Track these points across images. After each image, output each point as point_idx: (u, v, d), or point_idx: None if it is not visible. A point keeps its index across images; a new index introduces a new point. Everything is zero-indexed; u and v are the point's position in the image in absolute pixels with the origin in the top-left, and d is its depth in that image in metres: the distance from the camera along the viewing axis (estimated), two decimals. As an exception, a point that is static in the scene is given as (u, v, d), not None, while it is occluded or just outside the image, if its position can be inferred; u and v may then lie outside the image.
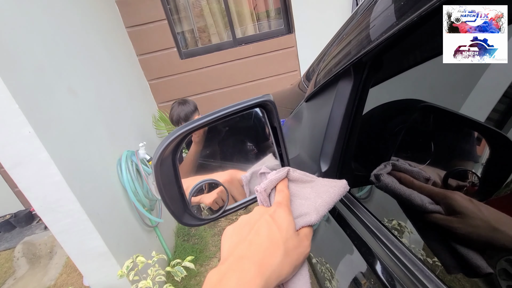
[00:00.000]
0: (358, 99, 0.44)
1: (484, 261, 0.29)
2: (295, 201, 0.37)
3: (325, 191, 0.37)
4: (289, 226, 0.32)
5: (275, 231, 0.31)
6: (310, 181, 0.39)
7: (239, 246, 0.30)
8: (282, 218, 0.32)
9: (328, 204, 0.35)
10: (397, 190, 0.35)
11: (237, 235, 0.33)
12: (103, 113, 1.68)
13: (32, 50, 1.21)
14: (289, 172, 0.39)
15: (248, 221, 0.34)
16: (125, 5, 2.41)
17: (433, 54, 0.37)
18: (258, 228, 0.32)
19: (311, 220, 0.34)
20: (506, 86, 0.30)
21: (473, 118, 0.35)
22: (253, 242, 0.30)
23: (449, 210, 0.31)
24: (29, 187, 1.18)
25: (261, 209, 0.35)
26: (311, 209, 0.35)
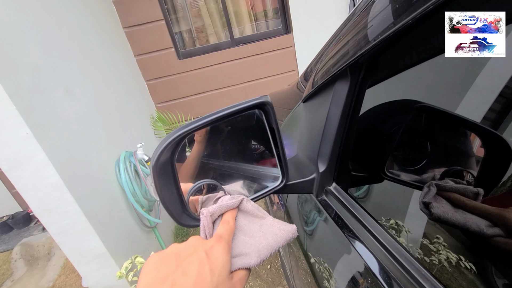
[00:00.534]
0: (355, 100, 0.44)
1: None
2: (239, 236, 0.35)
3: (272, 233, 0.34)
4: (223, 268, 0.28)
5: (206, 273, 0.26)
6: (261, 217, 0.37)
7: (161, 282, 0.25)
8: (217, 258, 0.28)
9: (272, 248, 0.33)
10: (450, 220, 0.32)
11: (159, 270, 0.27)
12: (101, 113, 1.68)
13: (29, 51, 1.20)
14: (242, 202, 0.37)
15: (179, 253, 0.29)
16: (122, 5, 2.40)
17: (428, 56, 0.38)
18: (187, 266, 0.27)
19: (250, 263, 0.31)
20: (501, 87, 0.30)
21: (469, 118, 0.35)
22: (176, 284, 0.25)
23: (509, 231, 0.29)
24: (27, 188, 1.18)
25: (197, 242, 0.31)
26: (253, 250, 0.32)
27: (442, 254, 0.35)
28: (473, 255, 0.33)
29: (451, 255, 0.34)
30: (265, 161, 0.50)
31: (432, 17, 0.27)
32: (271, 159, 0.46)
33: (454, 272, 0.33)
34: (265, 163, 0.51)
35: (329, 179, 0.52)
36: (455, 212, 0.33)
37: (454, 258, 0.33)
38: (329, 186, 0.53)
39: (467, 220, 0.31)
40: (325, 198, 0.54)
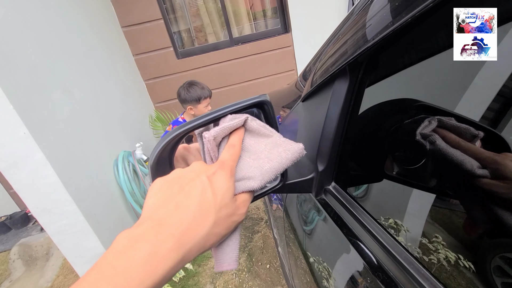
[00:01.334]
0: (354, 99, 0.44)
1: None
2: (244, 159, 0.33)
3: (277, 154, 0.33)
4: (226, 192, 0.28)
5: (209, 197, 0.27)
6: (267, 135, 0.35)
7: (163, 208, 0.26)
8: (220, 182, 0.28)
9: (276, 170, 0.32)
10: (449, 155, 0.33)
11: (164, 192, 0.28)
12: (99, 113, 1.67)
13: (26, 50, 1.20)
14: (247, 120, 0.35)
15: (181, 177, 0.29)
16: (120, 4, 2.39)
17: (428, 54, 0.37)
18: (190, 190, 0.27)
19: (253, 186, 0.31)
20: (500, 86, 0.30)
21: (468, 117, 0.35)
22: (180, 206, 0.26)
23: (496, 175, 0.30)
24: (25, 188, 1.17)
25: (199, 167, 0.30)
26: (257, 174, 0.31)
27: (441, 253, 0.35)
28: (472, 254, 0.33)
29: (450, 254, 0.34)
30: None
31: (431, 15, 0.27)
32: None
33: (453, 271, 0.33)
34: None
35: (328, 179, 0.52)
36: (455, 151, 0.34)
37: (453, 257, 0.33)
38: (328, 186, 0.53)
39: (464, 159, 0.32)
40: (324, 197, 0.54)
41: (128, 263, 0.21)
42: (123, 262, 0.21)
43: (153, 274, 0.22)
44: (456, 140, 0.34)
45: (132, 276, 0.21)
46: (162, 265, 0.22)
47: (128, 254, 0.22)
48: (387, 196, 0.51)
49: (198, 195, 0.27)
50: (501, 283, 0.29)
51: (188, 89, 1.76)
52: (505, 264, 0.29)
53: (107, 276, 0.21)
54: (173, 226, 0.24)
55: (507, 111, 0.31)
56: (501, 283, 0.29)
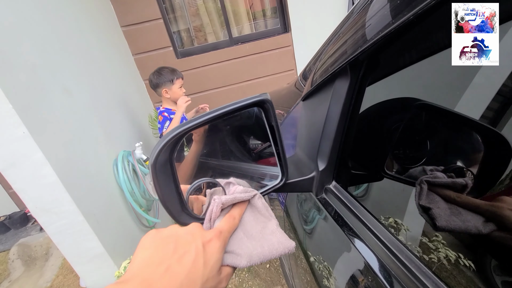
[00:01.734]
0: (355, 98, 0.44)
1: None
2: (239, 233, 0.35)
3: (270, 243, 0.34)
4: (215, 264, 0.29)
5: (199, 267, 0.27)
6: (267, 217, 0.37)
7: (153, 268, 0.26)
8: (213, 253, 0.29)
9: (264, 257, 0.33)
10: (453, 228, 0.33)
11: (157, 250, 0.28)
12: (99, 113, 1.67)
13: (25, 50, 1.19)
14: (255, 197, 0.37)
15: (177, 238, 0.29)
16: (120, 3, 2.38)
17: (429, 53, 0.37)
18: (183, 254, 0.27)
19: (239, 264, 0.32)
20: (500, 84, 0.30)
21: (468, 116, 0.35)
22: (170, 271, 0.26)
23: (502, 227, 0.30)
24: (24, 188, 1.17)
25: (197, 231, 0.31)
26: (246, 254, 0.33)
27: (441, 252, 0.35)
28: (472, 253, 0.34)
29: (450, 253, 0.34)
30: (265, 160, 0.50)
31: (432, 13, 0.27)
32: (271, 158, 0.46)
33: (453, 270, 0.33)
34: (264, 162, 0.51)
35: (329, 178, 0.52)
36: (454, 215, 0.34)
37: (453, 256, 0.33)
38: (329, 185, 0.53)
39: (466, 224, 0.32)
40: (324, 196, 0.54)
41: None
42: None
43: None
44: (451, 196, 0.35)
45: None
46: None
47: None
48: (387, 195, 0.51)
49: (190, 262, 0.27)
50: (501, 281, 0.30)
51: (160, 73, 1.79)
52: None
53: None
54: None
55: (507, 110, 0.31)
56: (501, 282, 0.30)
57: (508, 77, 0.29)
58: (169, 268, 0.26)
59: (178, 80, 1.82)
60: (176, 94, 1.82)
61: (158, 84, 1.79)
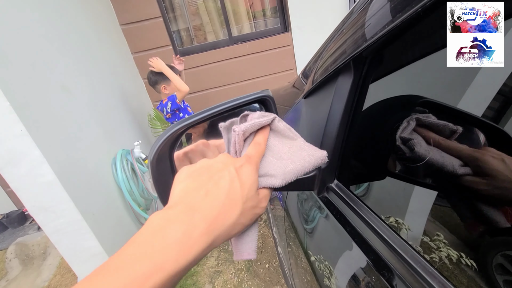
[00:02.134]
0: (358, 95, 0.43)
1: (503, 217, 0.29)
2: (268, 157, 0.34)
3: (301, 157, 0.34)
4: (252, 186, 0.29)
5: (237, 188, 0.28)
6: (292, 138, 0.36)
7: (193, 193, 0.27)
8: (247, 176, 0.29)
9: (298, 172, 0.33)
10: (430, 159, 0.33)
11: (193, 179, 0.28)
12: (98, 111, 1.66)
13: (24, 47, 1.18)
14: (274, 120, 0.36)
15: (210, 167, 0.30)
16: (119, 2, 2.38)
17: (434, 49, 0.37)
18: (218, 179, 0.28)
19: (275, 184, 0.32)
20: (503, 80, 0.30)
21: (473, 114, 0.35)
22: (210, 194, 0.27)
23: (478, 172, 0.30)
24: (21, 186, 1.16)
25: (227, 158, 0.31)
26: (279, 172, 0.33)
27: (443, 252, 0.34)
28: (474, 252, 0.33)
29: (451, 252, 0.33)
30: None
31: (440, 7, 0.26)
32: None
33: (455, 269, 0.33)
34: None
35: (331, 176, 0.51)
36: (433, 150, 0.33)
37: (455, 255, 0.33)
38: (330, 183, 0.52)
39: (444, 160, 0.32)
40: (326, 195, 0.53)
41: (164, 242, 0.22)
42: (160, 240, 0.22)
43: (186, 255, 0.23)
44: (435, 139, 0.34)
45: (169, 254, 0.22)
46: (195, 247, 0.23)
47: (164, 233, 0.23)
48: (389, 195, 0.50)
49: (227, 185, 0.28)
50: (503, 281, 0.29)
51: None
52: (507, 262, 0.28)
53: (145, 252, 0.22)
54: (204, 211, 0.25)
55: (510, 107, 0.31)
56: (503, 281, 0.29)
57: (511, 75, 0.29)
58: (209, 192, 0.27)
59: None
60: (173, 91, 1.85)
61: (157, 81, 1.82)
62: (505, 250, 0.29)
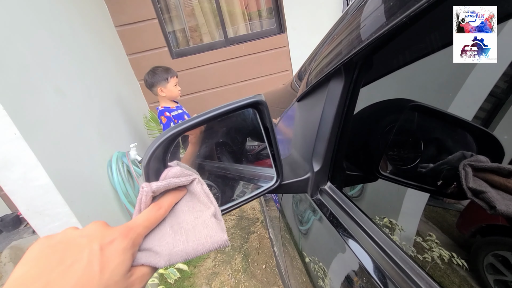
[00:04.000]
0: (349, 99, 0.44)
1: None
2: (165, 226, 0.30)
3: (197, 237, 0.29)
4: (117, 268, 0.24)
5: (93, 275, 0.23)
6: (205, 205, 0.32)
7: (31, 282, 0.22)
8: (113, 255, 0.25)
9: (186, 255, 0.29)
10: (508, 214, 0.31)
11: (38, 262, 0.23)
12: (92, 113, 1.65)
13: (17, 50, 1.18)
14: (193, 182, 0.33)
15: (69, 243, 0.25)
16: (114, 3, 2.36)
17: (422, 54, 0.38)
18: (72, 264, 0.23)
19: (156, 264, 0.28)
20: (492, 85, 0.31)
21: (461, 117, 0.35)
22: (51, 284, 0.21)
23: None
24: (15, 190, 1.15)
25: (96, 231, 0.26)
26: (165, 252, 0.28)
27: (435, 252, 0.35)
28: (465, 252, 0.34)
29: (443, 252, 0.34)
30: (260, 162, 0.50)
31: (425, 15, 0.27)
32: (266, 159, 0.46)
33: (447, 269, 0.33)
34: (259, 163, 0.51)
35: (324, 179, 0.52)
36: (507, 200, 0.30)
37: (447, 255, 0.34)
38: (323, 186, 0.53)
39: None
40: (319, 197, 0.54)
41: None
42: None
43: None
44: (501, 182, 0.31)
45: None
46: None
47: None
48: (382, 196, 0.51)
49: (79, 271, 0.23)
50: (494, 280, 0.30)
51: (154, 72, 1.82)
52: (497, 261, 0.29)
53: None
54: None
55: (499, 111, 0.31)
56: (494, 281, 0.30)
57: (500, 78, 0.30)
58: (48, 285, 0.22)
59: (172, 78, 1.84)
60: (171, 92, 1.85)
61: (153, 83, 1.81)
62: (496, 250, 0.30)
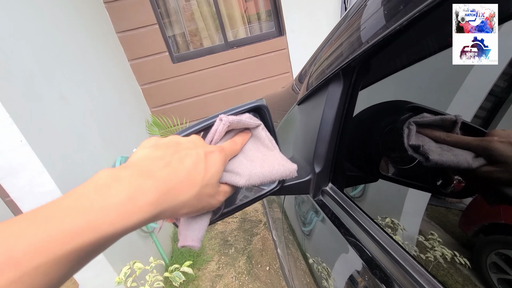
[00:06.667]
0: (348, 102, 0.45)
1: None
2: (240, 157, 0.34)
3: (270, 164, 0.34)
4: (215, 174, 0.28)
5: (200, 170, 0.27)
6: (269, 148, 0.37)
7: (153, 161, 0.25)
8: (213, 163, 0.28)
9: (264, 177, 0.32)
10: (446, 162, 0.33)
11: (157, 148, 0.27)
12: (96, 119, 1.67)
13: (21, 58, 1.20)
14: (259, 127, 0.36)
15: (178, 143, 0.29)
16: (115, 10, 2.39)
17: (419, 58, 0.39)
18: (184, 156, 0.27)
19: (237, 183, 0.31)
20: (490, 87, 0.31)
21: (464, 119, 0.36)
22: (170, 166, 0.25)
23: (491, 160, 0.30)
24: (22, 196, 1.16)
25: (199, 141, 0.31)
26: (245, 173, 0.32)
27: (437, 251, 0.35)
28: (468, 251, 0.34)
29: (446, 251, 0.34)
30: None
31: (421, 21, 0.28)
32: None
33: (450, 268, 0.33)
34: None
35: (325, 180, 0.53)
36: (445, 151, 0.33)
37: (449, 254, 0.34)
38: (325, 187, 0.54)
39: (458, 157, 0.32)
40: (321, 198, 0.54)
41: (105, 201, 0.21)
42: (101, 198, 0.21)
43: (126, 220, 0.21)
44: (441, 137, 0.34)
45: (106, 215, 0.20)
46: (137, 214, 0.22)
47: (107, 192, 0.21)
48: (384, 196, 0.52)
49: (190, 163, 0.27)
50: (497, 279, 0.30)
51: None
52: (501, 260, 0.29)
53: (81, 208, 0.20)
54: (158, 180, 0.24)
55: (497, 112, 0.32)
56: (497, 280, 0.30)
57: (498, 79, 0.30)
58: (170, 164, 0.26)
59: None
60: None
61: None
62: (499, 248, 0.30)
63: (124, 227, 0.21)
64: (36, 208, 0.19)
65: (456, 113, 0.36)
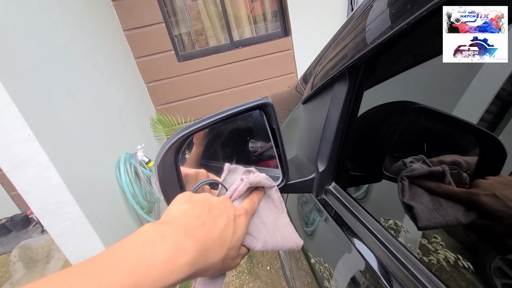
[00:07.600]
0: (353, 102, 0.45)
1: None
2: (255, 219, 0.36)
3: (283, 235, 0.36)
4: (240, 237, 0.30)
5: (229, 233, 0.29)
6: (280, 210, 0.39)
7: (191, 219, 0.27)
8: (240, 227, 0.31)
9: (276, 247, 0.35)
10: (433, 225, 0.35)
11: (194, 206, 0.29)
12: (101, 115, 1.69)
13: (30, 54, 1.21)
14: (273, 189, 0.39)
15: (212, 203, 0.31)
16: (123, 8, 2.41)
17: (425, 58, 0.39)
18: (217, 217, 0.29)
19: (254, 247, 0.33)
20: (497, 89, 0.31)
21: (464, 119, 0.36)
22: (206, 226, 0.27)
23: (481, 215, 0.31)
24: (28, 190, 1.18)
25: (228, 202, 0.33)
26: (262, 239, 0.34)
27: (441, 254, 0.35)
28: (471, 255, 0.34)
29: (449, 254, 0.34)
30: (265, 162, 0.51)
31: (427, 21, 0.28)
32: (271, 160, 0.47)
33: (453, 271, 0.33)
34: (265, 164, 0.52)
35: (329, 179, 0.53)
36: (435, 212, 0.35)
37: (452, 257, 0.33)
38: (328, 186, 0.54)
39: (446, 218, 0.33)
40: (324, 197, 0.54)
41: (151, 258, 0.22)
42: (147, 254, 0.22)
43: (165, 279, 0.22)
44: (432, 187, 0.36)
45: (151, 275, 0.21)
46: (175, 274, 0.23)
47: (154, 249, 0.22)
48: (387, 197, 0.52)
49: (222, 225, 0.28)
50: (502, 284, 0.30)
51: None
52: (505, 265, 0.29)
53: (130, 264, 0.21)
54: (197, 240, 0.25)
55: (504, 114, 0.32)
56: (502, 284, 0.30)
57: (506, 81, 0.30)
58: (205, 224, 0.27)
59: None
60: None
61: None
62: (503, 253, 0.30)
63: (163, 286, 0.22)
64: (89, 261, 0.21)
65: (462, 114, 0.36)
